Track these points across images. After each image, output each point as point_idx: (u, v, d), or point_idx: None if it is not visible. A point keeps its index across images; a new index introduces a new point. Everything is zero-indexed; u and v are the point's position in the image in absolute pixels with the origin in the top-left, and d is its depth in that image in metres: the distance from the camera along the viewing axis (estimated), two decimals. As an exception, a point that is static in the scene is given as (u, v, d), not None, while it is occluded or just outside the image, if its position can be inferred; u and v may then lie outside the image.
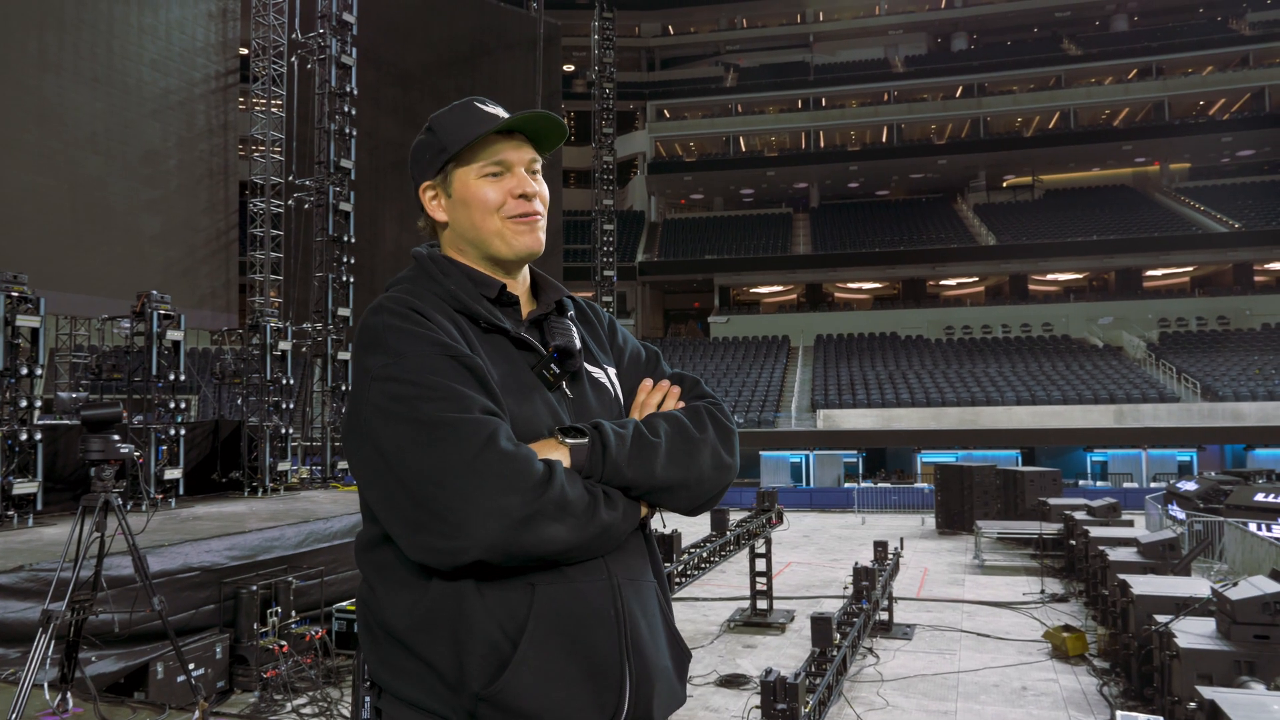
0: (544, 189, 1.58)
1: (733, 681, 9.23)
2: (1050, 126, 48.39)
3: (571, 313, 1.63)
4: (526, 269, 1.64)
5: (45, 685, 6.27)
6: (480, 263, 1.57)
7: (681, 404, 1.59)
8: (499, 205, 1.53)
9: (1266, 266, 41.14)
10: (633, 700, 1.37)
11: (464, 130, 1.53)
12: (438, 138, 1.56)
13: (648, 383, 1.62)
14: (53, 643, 5.77)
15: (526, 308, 1.60)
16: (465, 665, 1.31)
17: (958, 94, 49.66)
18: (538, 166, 1.58)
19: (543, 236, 1.56)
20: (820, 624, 7.83)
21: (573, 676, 1.34)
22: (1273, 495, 14.67)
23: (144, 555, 6.63)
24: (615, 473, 1.39)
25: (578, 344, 1.55)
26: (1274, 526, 13.98)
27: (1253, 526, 13.80)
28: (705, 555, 10.55)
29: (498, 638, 1.32)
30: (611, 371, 1.63)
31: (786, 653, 10.43)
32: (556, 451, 1.38)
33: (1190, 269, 42.65)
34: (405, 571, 1.37)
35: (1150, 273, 42.72)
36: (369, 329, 1.42)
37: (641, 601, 1.45)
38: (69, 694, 6.27)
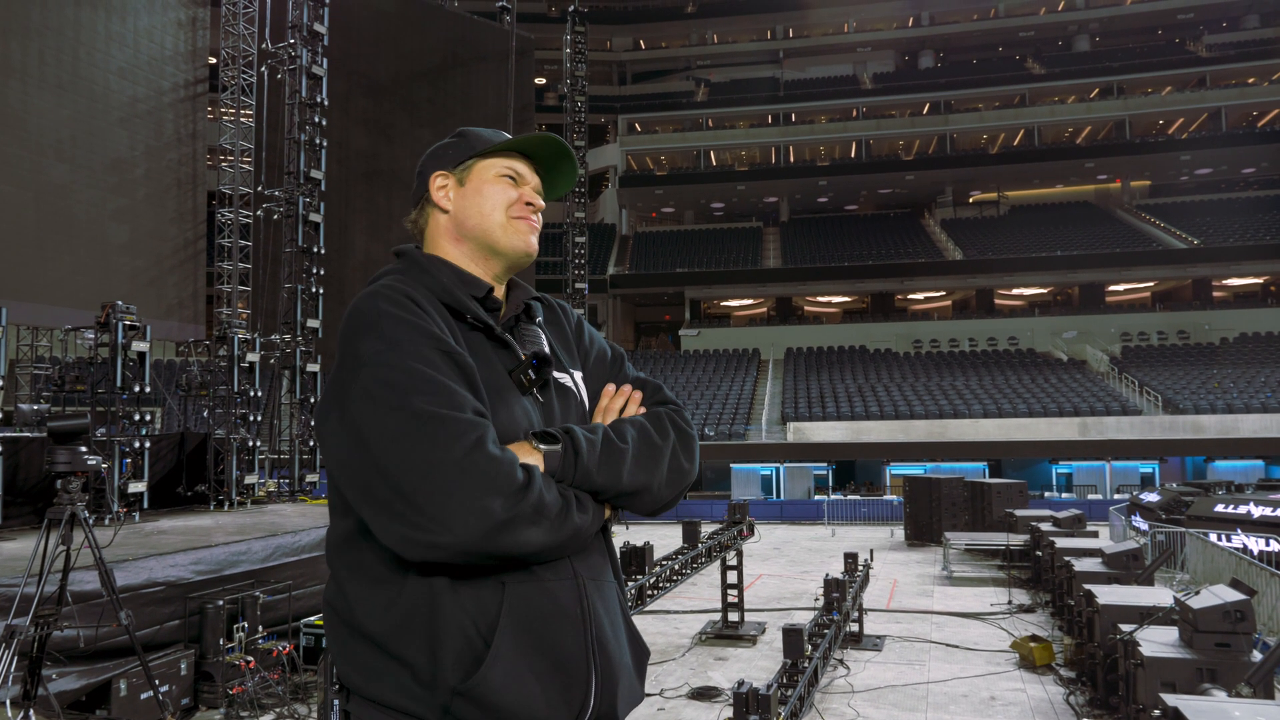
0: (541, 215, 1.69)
1: (705, 694, 9.23)
2: (1015, 144, 49.23)
3: (540, 317, 1.67)
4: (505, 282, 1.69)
5: (7, 702, 6.14)
6: (471, 258, 1.62)
7: (643, 409, 1.63)
8: (509, 203, 1.61)
9: (1224, 282, 42.06)
10: (598, 696, 1.41)
11: (495, 138, 1.65)
12: (468, 141, 1.66)
13: (610, 388, 1.66)
14: (15, 659, 5.65)
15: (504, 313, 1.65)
16: (440, 661, 1.33)
17: (925, 111, 50.38)
18: (541, 194, 1.68)
19: (536, 245, 1.64)
20: (792, 636, 7.86)
21: (543, 671, 1.37)
22: (1232, 506, 14.96)
23: (110, 569, 6.53)
24: (585, 478, 1.42)
25: (548, 351, 1.60)
26: (1234, 537, 14.25)
27: (1213, 537, 14.05)
28: (677, 568, 10.56)
29: (471, 634, 1.34)
30: (578, 375, 1.67)
31: (758, 665, 10.46)
32: (531, 456, 1.40)
33: (1151, 284, 43.48)
34: (382, 568, 1.38)
35: (1113, 288, 43.49)
36: (362, 313, 1.41)
37: (604, 600, 1.50)
38: (32, 711, 6.15)
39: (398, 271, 1.55)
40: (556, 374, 1.61)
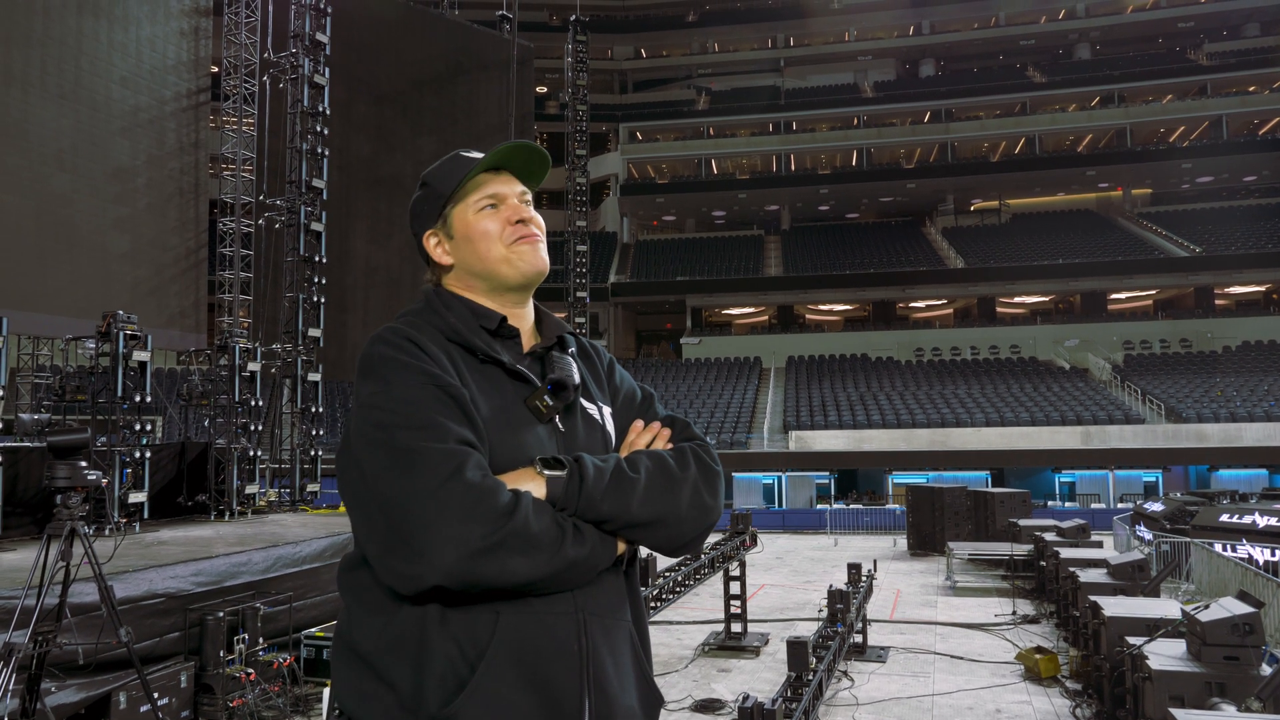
0: (539, 217, 1.65)
1: (708, 707, 9.16)
2: (1016, 152, 49.27)
3: (573, 349, 1.67)
4: (531, 306, 1.68)
5: (5, 718, 6.09)
6: (488, 296, 1.62)
7: (670, 445, 1.61)
8: (500, 233, 1.60)
9: (1226, 290, 42.03)
10: None
11: (455, 174, 1.62)
12: (433, 188, 1.65)
13: (638, 424, 1.65)
14: (14, 674, 5.60)
15: (530, 342, 1.64)
16: (423, 686, 1.33)
17: (926, 119, 50.43)
18: (528, 199, 1.66)
19: (546, 258, 1.63)
20: (796, 648, 7.80)
21: (528, 706, 1.35)
22: (1237, 516, 14.88)
23: (111, 584, 6.47)
24: (590, 506, 1.40)
25: (576, 379, 1.59)
26: (1239, 547, 14.17)
27: (1218, 547, 13.99)
28: (680, 579, 10.52)
29: (457, 661, 1.34)
30: (607, 410, 1.66)
31: (762, 676, 10.39)
32: (532, 482, 1.40)
33: (1153, 292, 43.45)
34: (380, 594, 1.39)
35: (1114, 296, 43.47)
36: (365, 358, 1.47)
37: (610, 640, 1.46)
38: (29, 727, 6.09)
39: (413, 313, 1.59)
40: (585, 404, 1.61)
